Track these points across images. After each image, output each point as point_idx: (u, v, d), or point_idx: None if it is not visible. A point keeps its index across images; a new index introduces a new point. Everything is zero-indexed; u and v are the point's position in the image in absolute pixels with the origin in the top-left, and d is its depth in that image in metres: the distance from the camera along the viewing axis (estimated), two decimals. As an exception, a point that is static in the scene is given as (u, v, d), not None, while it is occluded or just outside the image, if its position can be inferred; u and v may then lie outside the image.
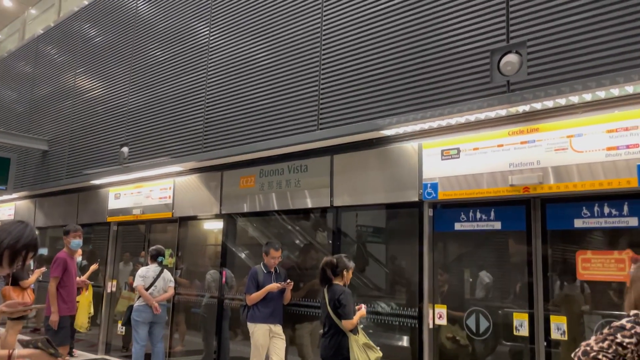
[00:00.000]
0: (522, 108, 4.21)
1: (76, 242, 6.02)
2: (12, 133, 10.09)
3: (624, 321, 2.09)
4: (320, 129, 5.42)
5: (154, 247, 6.86)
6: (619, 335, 2.03)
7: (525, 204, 4.37)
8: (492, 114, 4.39)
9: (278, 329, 5.54)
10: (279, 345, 5.48)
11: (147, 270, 6.66)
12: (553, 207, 4.23)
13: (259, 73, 6.08)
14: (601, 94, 3.80)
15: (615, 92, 3.75)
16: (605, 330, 2.10)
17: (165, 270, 6.78)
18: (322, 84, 5.44)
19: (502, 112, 4.33)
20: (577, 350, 2.07)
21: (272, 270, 5.67)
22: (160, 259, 6.78)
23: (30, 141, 9.92)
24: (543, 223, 4.26)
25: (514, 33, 4.17)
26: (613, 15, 3.65)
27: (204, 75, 6.75)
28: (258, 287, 5.52)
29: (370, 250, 5.66)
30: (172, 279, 6.86)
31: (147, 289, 6.50)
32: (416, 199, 4.91)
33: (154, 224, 8.09)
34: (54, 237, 10.53)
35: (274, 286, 5.48)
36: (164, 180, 7.62)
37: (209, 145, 6.52)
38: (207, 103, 6.67)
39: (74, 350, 8.23)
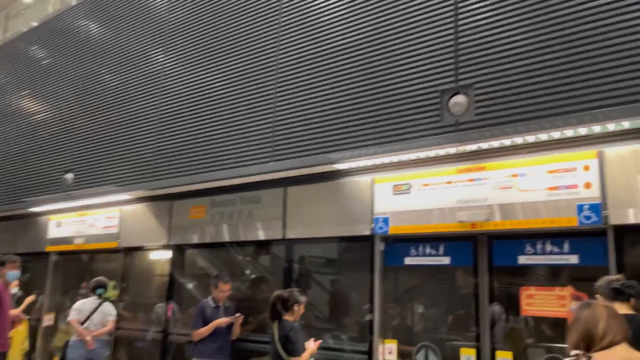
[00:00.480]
0: (469, 147, 4.37)
1: (13, 273, 5.67)
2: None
3: None
4: (275, 160, 5.42)
5: (94, 279, 6.56)
6: (562, 375, 2.09)
7: (472, 240, 4.49)
8: (441, 151, 4.52)
9: (225, 365, 5.39)
10: (226, 382, 5.32)
11: (83, 304, 6.35)
12: (499, 243, 4.37)
13: (214, 102, 6.05)
14: (543, 136, 4.00)
15: (555, 135, 3.95)
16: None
17: (105, 304, 6.47)
18: (277, 116, 5.47)
19: (451, 150, 4.48)
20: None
21: (221, 304, 5.53)
22: (99, 291, 6.47)
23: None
24: (489, 259, 4.39)
25: (462, 75, 4.35)
26: (554, 62, 3.88)
27: (157, 102, 6.66)
28: (205, 322, 5.36)
29: (322, 283, 5.63)
30: (113, 312, 6.55)
31: (82, 323, 6.18)
32: (368, 232, 4.96)
33: (98, 254, 7.77)
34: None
35: (222, 321, 5.34)
36: (110, 208, 7.37)
37: (159, 174, 6.38)
38: (159, 130, 6.55)
39: (3, 389, 7.68)
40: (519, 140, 4.13)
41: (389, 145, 4.67)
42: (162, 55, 6.79)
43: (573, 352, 2.21)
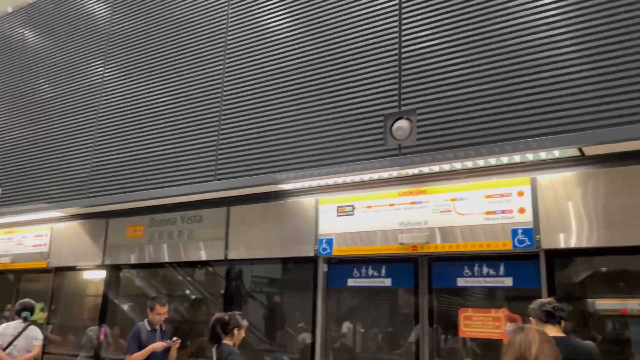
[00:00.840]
0: (411, 171, 4.47)
1: None
2: None
3: None
4: (218, 179, 5.33)
5: (20, 302, 6.14)
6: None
7: (413, 262, 4.57)
8: (384, 174, 4.60)
9: (161, 392, 5.17)
10: (162, 409, 5.10)
11: (7, 328, 5.92)
12: (438, 265, 4.47)
13: (155, 117, 5.89)
14: (480, 162, 4.15)
15: (492, 161, 4.12)
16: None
17: (31, 327, 6.06)
18: (222, 134, 5.39)
19: (394, 173, 4.57)
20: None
21: (157, 327, 5.32)
22: (24, 314, 6.06)
23: None
24: (429, 280, 4.48)
25: (405, 100, 4.46)
26: (492, 91, 4.04)
27: (95, 115, 6.41)
28: (140, 347, 5.13)
29: (264, 304, 5.55)
30: (39, 336, 6.15)
31: (4, 349, 5.76)
32: (312, 254, 4.95)
33: (25, 274, 7.32)
34: None
35: (157, 345, 5.13)
36: (40, 226, 6.98)
37: (94, 191, 6.11)
38: (96, 145, 6.30)
39: None
40: (458, 165, 4.27)
41: (333, 167, 4.70)
42: (101, 67, 6.56)
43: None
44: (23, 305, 6.09)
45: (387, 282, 4.69)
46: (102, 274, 6.42)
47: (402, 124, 4.40)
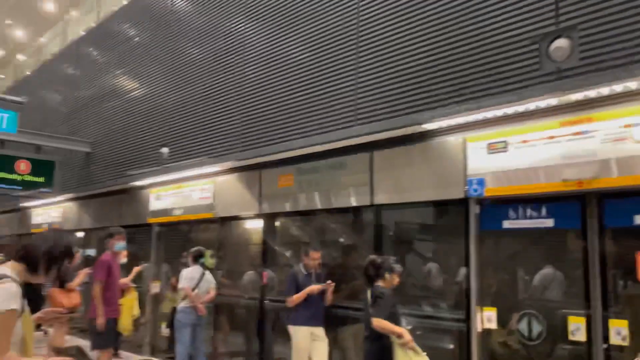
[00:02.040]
0: (574, 96, 3.93)
1: (120, 245, 6.05)
2: (56, 136, 10.35)
3: None
4: (358, 124, 5.26)
5: (195, 249, 6.85)
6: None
7: (580, 200, 4.09)
8: (542, 103, 4.11)
9: (319, 331, 5.42)
10: (321, 348, 5.36)
11: (192, 272, 6.65)
12: (611, 202, 3.94)
13: (295, 69, 5.97)
14: (664, 78, 3.49)
15: (680, 76, 3.44)
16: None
17: (207, 272, 6.76)
18: (360, 78, 5.29)
19: (553, 101, 4.06)
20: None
21: (312, 271, 5.55)
22: (201, 260, 6.77)
23: (73, 144, 10.16)
24: (600, 220, 3.98)
25: (563, 16, 3.90)
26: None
27: (240, 73, 6.70)
28: (298, 289, 5.41)
29: (414, 249, 5.46)
30: (214, 280, 6.84)
31: (192, 290, 6.49)
32: (461, 195, 4.68)
33: (196, 225, 8.12)
34: (102, 238, 10.75)
35: (314, 288, 5.36)
36: (204, 180, 7.61)
37: (247, 145, 6.47)
38: (245, 102, 6.61)
39: (119, 351, 8.36)
40: (632, 85, 3.64)
41: (482, 101, 4.34)
42: (243, 26, 6.79)
43: None
44: (199, 252, 6.78)
45: (549, 222, 4.27)
46: (260, 223, 6.85)
47: (561, 43, 3.87)
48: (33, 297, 2.59)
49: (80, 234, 10.84)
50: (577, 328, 4.00)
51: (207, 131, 7.14)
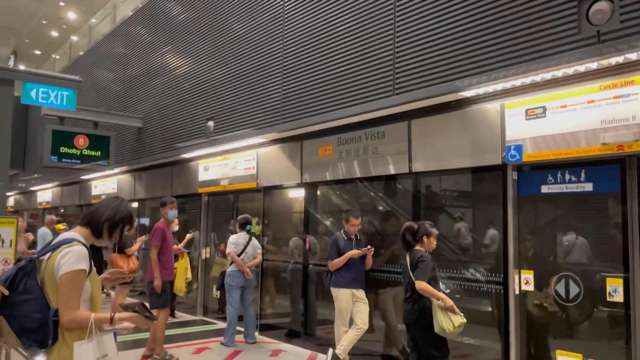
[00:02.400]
0: (614, 60, 3.89)
1: (172, 213, 6.42)
2: (110, 113, 10.87)
3: None
4: (396, 94, 5.34)
5: (241, 216, 7.19)
6: None
7: (619, 163, 4.08)
8: (581, 67, 4.09)
9: (361, 293, 5.65)
10: (362, 309, 5.60)
11: (238, 238, 7.00)
12: (652, 165, 3.91)
13: (333, 40, 6.06)
14: None
15: None
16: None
17: (253, 238, 7.10)
18: (397, 47, 5.33)
19: (593, 65, 4.02)
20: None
21: (353, 237, 5.75)
22: (248, 227, 7.10)
23: (126, 119, 10.65)
24: (640, 183, 3.97)
25: (605, -23, 3.81)
26: None
27: (282, 46, 6.85)
28: (339, 254, 5.64)
29: (452, 216, 5.55)
30: (260, 246, 7.18)
31: (238, 256, 6.86)
32: (499, 162, 4.73)
33: (241, 194, 8.45)
34: (154, 208, 11.34)
35: (354, 252, 5.57)
36: (248, 151, 7.90)
37: (287, 116, 6.66)
38: (285, 74, 6.77)
39: (175, 312, 8.93)
40: (676, 45, 3.57)
41: (520, 67, 4.33)
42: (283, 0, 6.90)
43: None
44: (245, 219, 7.12)
45: (588, 187, 4.28)
46: (301, 192, 7.09)
47: (601, 5, 3.81)
48: (96, 262, 2.87)
49: (135, 204, 11.44)
50: (614, 290, 4.05)
51: (251, 104, 7.37)
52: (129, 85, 11.22)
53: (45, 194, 17.30)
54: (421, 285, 4.24)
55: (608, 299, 4.07)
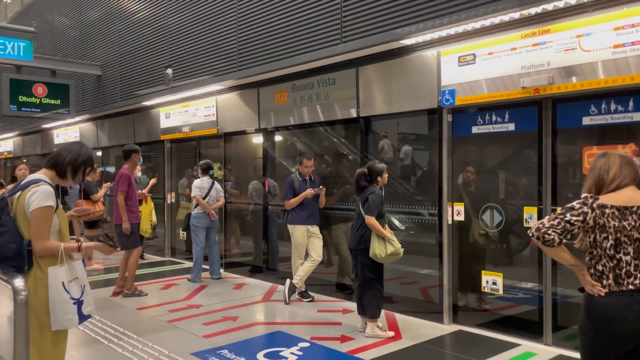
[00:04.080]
0: (534, 10, 4.28)
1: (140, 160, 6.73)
2: (68, 61, 10.80)
3: (574, 203, 2.43)
4: (344, 42, 5.65)
5: (204, 162, 7.52)
6: (567, 215, 2.38)
7: (537, 105, 4.56)
8: (505, 17, 4.47)
9: (315, 229, 6.15)
10: (317, 243, 6.12)
11: (202, 182, 7.36)
12: (563, 106, 4.40)
13: (284, -11, 6.26)
14: (611, -10, 3.82)
15: (624, -12, 3.76)
16: (557, 211, 2.46)
17: (215, 182, 7.46)
18: (344, -4, 5.61)
19: (515, 15, 4.41)
20: (532, 227, 2.44)
21: (307, 178, 6.18)
22: (211, 172, 7.46)
23: (85, 67, 10.62)
24: (553, 123, 4.46)
25: None
26: None
27: (235, -6, 7.01)
28: (295, 194, 6.08)
29: (396, 156, 6.02)
30: (222, 189, 7.56)
31: (203, 199, 7.24)
32: (435, 105, 5.16)
33: (203, 140, 8.73)
34: (118, 156, 11.51)
35: (308, 192, 6.02)
36: (208, 98, 8.13)
37: (243, 63, 6.90)
38: (239, 21, 6.96)
39: (144, 254, 9.35)
40: (584, -2, 3.98)
41: (453, 16, 4.69)
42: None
43: (583, 195, 2.45)
44: (207, 165, 7.46)
45: (511, 127, 4.77)
46: (260, 137, 7.43)
47: (521, -41, 4.14)
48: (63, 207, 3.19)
49: (98, 153, 11.58)
50: (530, 217, 4.62)
51: (208, 51, 7.54)
52: (87, 31, 11.09)
53: (7, 143, 17.13)
54: (370, 220, 4.68)
55: (525, 225, 4.65)
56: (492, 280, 4.92)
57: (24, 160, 13.94)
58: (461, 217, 5.15)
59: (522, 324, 4.75)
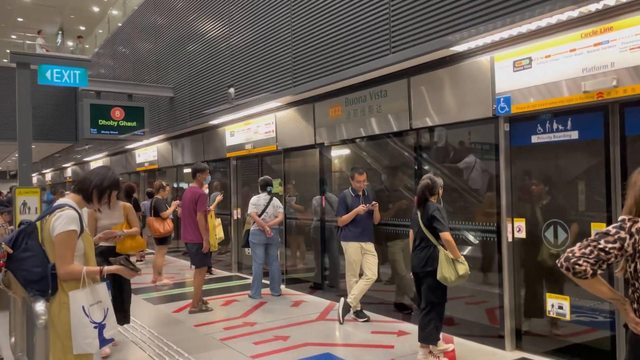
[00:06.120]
0: (594, 7, 3.88)
1: (208, 178, 6.89)
2: (143, 84, 11.43)
3: (610, 227, 2.10)
4: (393, 52, 5.46)
5: (262, 178, 7.58)
6: (602, 241, 2.07)
7: (602, 110, 4.11)
8: (562, 16, 4.10)
9: (369, 246, 5.95)
10: (371, 260, 5.92)
11: (258, 199, 7.42)
12: (632, 111, 3.94)
13: (335, 5, 6.19)
14: (681, -21, 3.37)
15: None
16: (591, 237, 2.13)
17: (274, 198, 7.49)
18: (393, 6, 5.43)
19: (574, 13, 4.03)
20: (560, 257, 2.14)
21: (360, 193, 6.01)
22: (269, 188, 7.49)
23: (159, 90, 11.18)
24: (622, 129, 4.00)
25: None
26: None
27: (289, 12, 7.04)
28: (347, 210, 5.93)
29: (451, 168, 5.70)
30: (281, 205, 7.57)
31: (259, 215, 7.29)
32: (490, 114, 4.83)
33: (264, 157, 8.83)
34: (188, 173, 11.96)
35: (360, 209, 5.84)
36: (267, 115, 8.22)
37: (298, 80, 6.90)
38: (294, 39, 6.98)
39: (212, 269, 9.58)
40: (651, -11, 3.54)
41: (506, 18, 4.38)
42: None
43: (621, 217, 2.12)
44: (265, 181, 7.51)
45: (574, 135, 4.34)
46: (316, 152, 7.37)
47: (575, -48, 3.77)
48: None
49: (174, 170, 12.10)
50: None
51: (267, 69, 7.63)
52: (161, 56, 11.68)
53: (97, 164, 18.43)
54: (446, 236, 4.41)
55: (593, 244, 4.17)
56: (557, 304, 4.47)
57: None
58: (522, 234, 4.75)
59: (593, 352, 4.26)
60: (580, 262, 2.07)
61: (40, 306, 2.53)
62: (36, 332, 2.49)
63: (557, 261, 2.20)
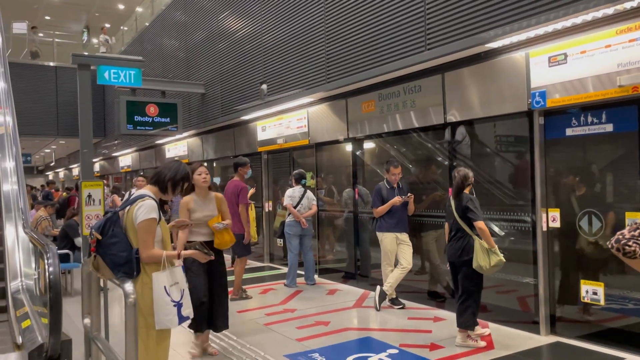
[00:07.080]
0: (629, 4, 4.03)
1: (249, 172, 7.14)
2: (175, 81, 11.76)
3: None
4: (428, 49, 5.66)
5: (296, 171, 7.84)
6: (651, 225, 2.26)
7: (636, 104, 4.27)
8: (598, 13, 4.25)
9: (404, 236, 6.18)
10: (406, 250, 6.14)
11: (294, 191, 7.68)
12: (666, 104, 4.09)
13: (365, 3, 6.39)
14: None
15: None
16: (639, 221, 2.33)
17: (308, 191, 7.74)
18: (428, 3, 5.62)
19: (609, 10, 4.18)
20: (611, 239, 2.34)
21: (395, 185, 6.23)
22: (303, 181, 7.75)
23: (190, 86, 11.51)
24: (656, 122, 4.16)
25: None
26: None
27: (322, 8, 7.25)
28: (383, 201, 6.16)
29: (486, 161, 5.88)
30: (314, 197, 7.83)
31: (294, 207, 7.56)
32: (525, 108, 5.01)
33: (295, 151, 9.09)
34: (223, 167, 12.30)
35: (395, 200, 6.07)
36: (299, 111, 8.46)
37: (331, 75, 7.12)
38: (327, 35, 7.20)
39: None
40: (687, -14, 3.69)
41: (541, 15, 4.54)
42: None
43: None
44: (300, 174, 7.77)
45: (609, 128, 4.51)
46: (349, 146, 7.60)
47: (612, -48, 3.92)
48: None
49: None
50: (632, 222, 4.31)
51: (299, 65, 7.87)
52: (191, 52, 11.99)
53: (126, 158, 18.89)
54: (480, 224, 4.63)
55: (627, 232, 4.34)
56: (592, 290, 4.65)
57: (141, 173, 15.31)
58: (557, 224, 4.93)
59: (627, 336, 4.44)
60: (630, 243, 2.26)
61: (129, 286, 2.81)
62: (126, 309, 2.77)
63: (607, 243, 2.40)
